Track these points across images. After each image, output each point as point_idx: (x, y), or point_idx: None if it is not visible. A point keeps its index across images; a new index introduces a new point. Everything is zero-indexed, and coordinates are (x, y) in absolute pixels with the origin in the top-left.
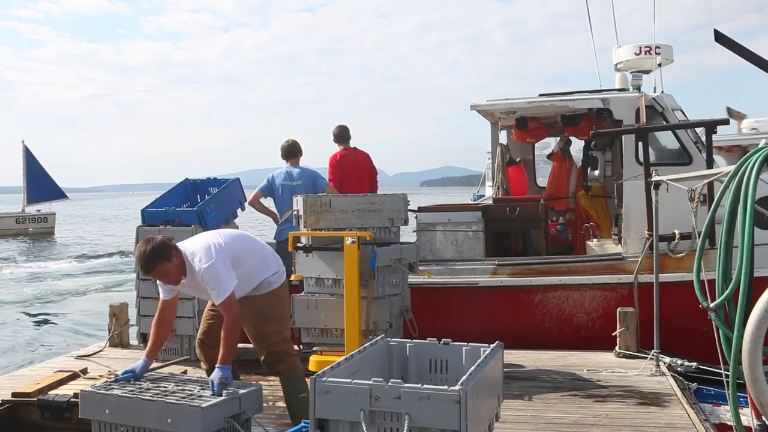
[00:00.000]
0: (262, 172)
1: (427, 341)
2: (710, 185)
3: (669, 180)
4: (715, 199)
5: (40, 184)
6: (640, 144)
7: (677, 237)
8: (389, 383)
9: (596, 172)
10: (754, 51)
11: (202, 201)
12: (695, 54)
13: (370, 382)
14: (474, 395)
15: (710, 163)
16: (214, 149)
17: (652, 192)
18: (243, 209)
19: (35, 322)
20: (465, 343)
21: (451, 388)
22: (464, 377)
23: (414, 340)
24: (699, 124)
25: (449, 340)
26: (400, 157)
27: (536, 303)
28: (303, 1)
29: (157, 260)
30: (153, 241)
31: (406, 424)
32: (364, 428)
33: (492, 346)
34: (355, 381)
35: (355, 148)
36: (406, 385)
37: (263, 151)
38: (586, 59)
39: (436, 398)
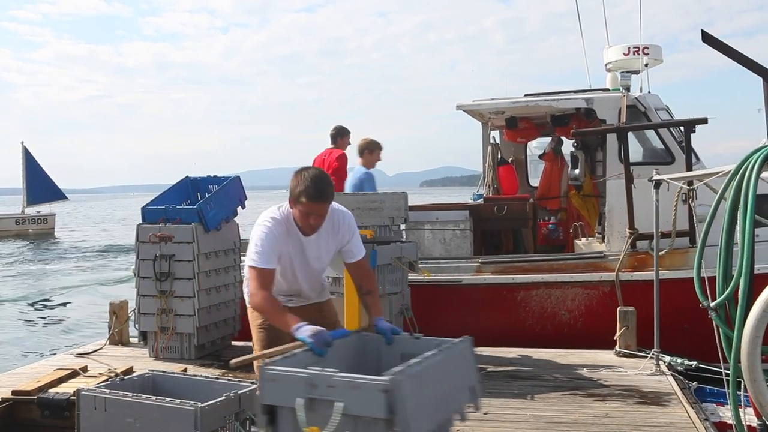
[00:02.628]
0: (262, 173)
1: (399, 335)
2: (690, 185)
3: (670, 179)
4: (716, 198)
5: (39, 186)
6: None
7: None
8: (325, 372)
9: (577, 171)
10: (745, 51)
11: (202, 199)
12: (696, 53)
13: (309, 370)
14: (413, 386)
15: (689, 163)
16: (214, 150)
17: (653, 191)
18: (243, 207)
19: (35, 320)
20: (435, 338)
21: (381, 378)
22: (399, 368)
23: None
24: (678, 123)
25: (420, 334)
26: (399, 158)
27: (519, 300)
28: (302, 2)
29: (332, 196)
30: (326, 174)
31: (337, 412)
32: (302, 415)
33: (457, 340)
34: (296, 370)
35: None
36: (340, 374)
37: (263, 151)
38: (586, 57)
39: (366, 387)
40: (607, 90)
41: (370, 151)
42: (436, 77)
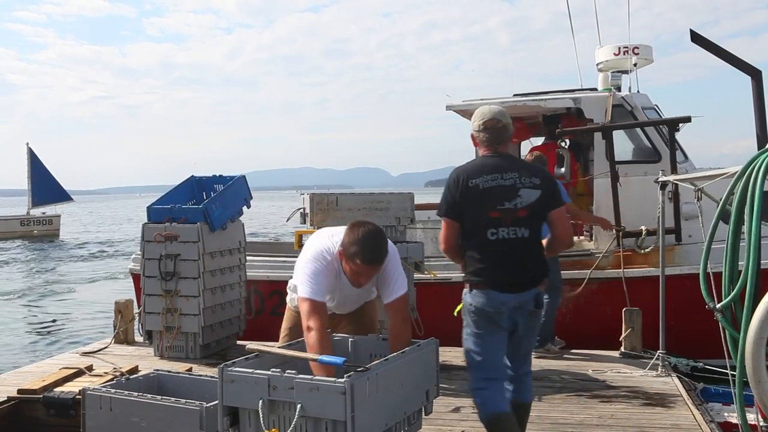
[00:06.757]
0: (266, 174)
1: (367, 337)
2: (675, 185)
3: (676, 180)
4: (722, 198)
5: (45, 187)
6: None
7: (644, 233)
8: (285, 374)
9: (562, 170)
10: (751, 50)
11: (207, 198)
12: (701, 52)
13: (269, 372)
14: (370, 388)
15: (674, 160)
16: (219, 150)
17: (659, 192)
18: (248, 206)
19: (40, 319)
20: None
21: (338, 380)
22: (359, 369)
23: (355, 336)
24: (661, 122)
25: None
26: (404, 158)
27: None
28: (306, 2)
29: (385, 258)
30: (383, 234)
31: (297, 414)
32: (261, 416)
33: (423, 342)
34: (255, 372)
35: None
36: (300, 375)
37: (268, 152)
38: (590, 58)
39: (325, 389)
40: (596, 90)
41: None
42: (441, 77)
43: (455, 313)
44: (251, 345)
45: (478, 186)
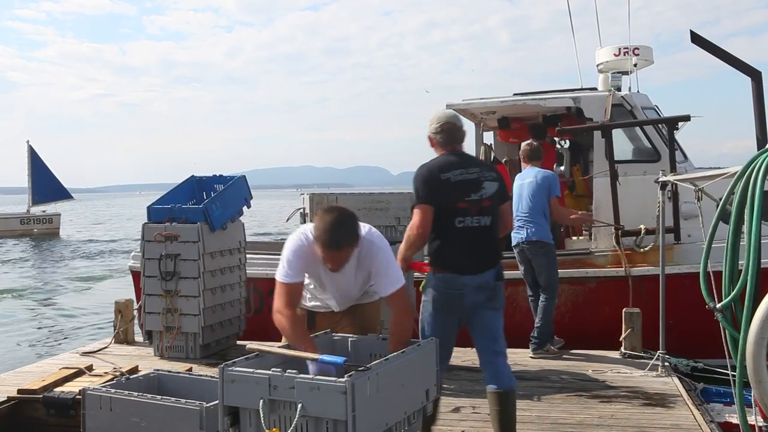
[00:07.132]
0: (267, 172)
1: (367, 336)
2: (675, 185)
3: (676, 180)
4: (722, 198)
5: (45, 185)
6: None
7: (643, 232)
8: (285, 373)
9: (562, 168)
10: (751, 50)
11: (208, 198)
12: (700, 51)
13: (270, 372)
14: (370, 387)
15: (673, 160)
16: (219, 149)
17: (658, 191)
18: (249, 206)
19: (40, 319)
20: None
21: (339, 379)
22: (360, 369)
23: (356, 336)
24: (660, 121)
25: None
26: (405, 157)
27: (506, 296)
28: (306, 0)
29: (349, 243)
30: (350, 219)
31: (297, 413)
32: (262, 416)
33: (422, 341)
34: (256, 371)
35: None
36: (301, 375)
37: (268, 150)
38: (590, 57)
39: (326, 389)
40: (596, 90)
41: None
42: (442, 76)
43: (420, 289)
44: (251, 345)
45: (449, 179)
